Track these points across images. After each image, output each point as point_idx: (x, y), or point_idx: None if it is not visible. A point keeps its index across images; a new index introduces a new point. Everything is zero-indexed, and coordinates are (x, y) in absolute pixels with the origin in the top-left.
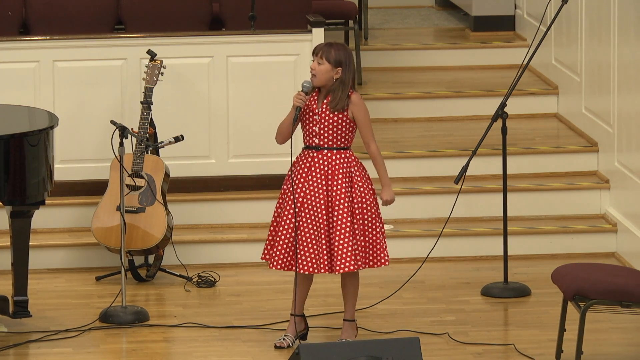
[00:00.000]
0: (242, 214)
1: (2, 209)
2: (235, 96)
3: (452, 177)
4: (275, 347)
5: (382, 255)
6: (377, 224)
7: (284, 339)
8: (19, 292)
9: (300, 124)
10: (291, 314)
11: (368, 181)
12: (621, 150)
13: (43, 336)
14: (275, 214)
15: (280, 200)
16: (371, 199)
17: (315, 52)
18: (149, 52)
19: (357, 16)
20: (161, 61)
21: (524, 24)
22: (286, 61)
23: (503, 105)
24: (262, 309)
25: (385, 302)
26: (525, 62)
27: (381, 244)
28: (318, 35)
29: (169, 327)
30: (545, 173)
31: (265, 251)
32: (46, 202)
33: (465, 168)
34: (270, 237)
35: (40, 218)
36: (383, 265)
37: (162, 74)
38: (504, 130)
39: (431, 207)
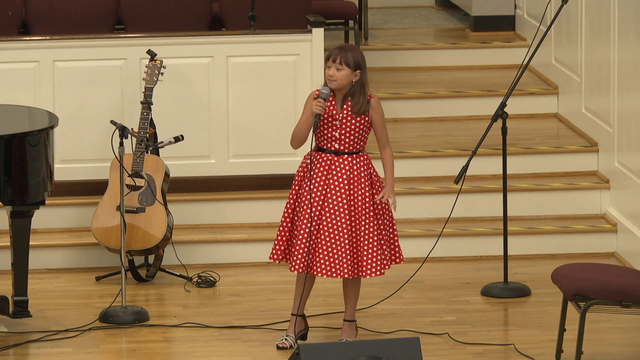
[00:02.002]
0: (242, 214)
1: (2, 209)
2: (235, 96)
3: (452, 177)
4: (278, 347)
5: (400, 251)
6: (393, 221)
7: (285, 339)
8: (19, 292)
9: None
10: (292, 314)
11: (381, 179)
12: (621, 150)
13: (43, 336)
14: (286, 214)
15: (292, 202)
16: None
17: (332, 59)
18: (149, 52)
19: (357, 16)
20: (161, 61)
21: (524, 24)
22: (286, 61)
23: (503, 105)
24: (262, 309)
25: (385, 302)
26: (525, 62)
27: (398, 240)
28: (318, 35)
29: (169, 327)
30: (545, 173)
31: (280, 252)
32: (46, 202)
33: (465, 168)
34: (282, 238)
35: (40, 218)
36: (402, 262)
37: (162, 74)
38: (504, 130)
39: (431, 207)
